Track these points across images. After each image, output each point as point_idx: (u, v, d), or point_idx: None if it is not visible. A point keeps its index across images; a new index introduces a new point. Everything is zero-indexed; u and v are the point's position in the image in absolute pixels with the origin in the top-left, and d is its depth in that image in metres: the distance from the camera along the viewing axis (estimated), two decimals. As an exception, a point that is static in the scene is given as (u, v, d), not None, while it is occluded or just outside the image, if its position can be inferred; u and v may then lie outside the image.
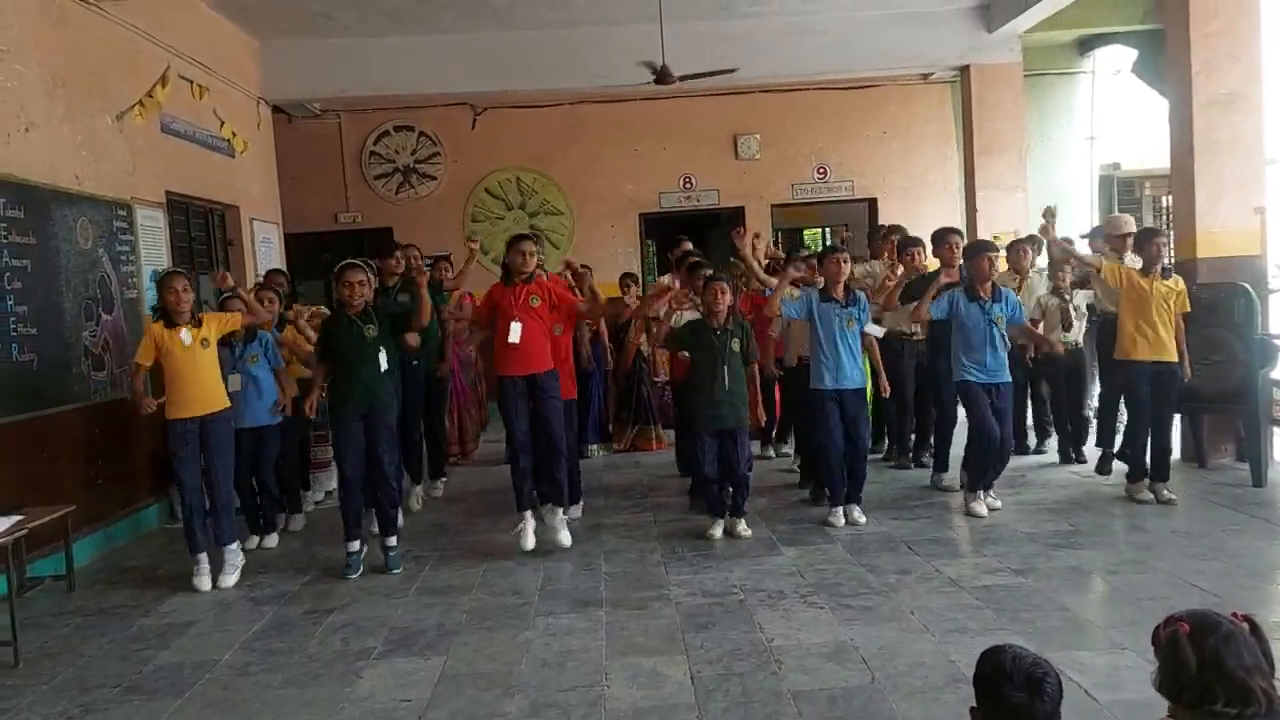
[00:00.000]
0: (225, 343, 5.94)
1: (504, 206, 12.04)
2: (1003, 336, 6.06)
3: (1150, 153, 10.78)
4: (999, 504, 6.22)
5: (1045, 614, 4.41)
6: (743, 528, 5.93)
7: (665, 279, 7.83)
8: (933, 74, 11.58)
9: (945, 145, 12.03)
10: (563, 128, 11.87)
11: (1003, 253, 7.06)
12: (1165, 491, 6.15)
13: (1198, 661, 1.88)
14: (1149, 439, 6.20)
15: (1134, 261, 6.43)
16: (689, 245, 8.17)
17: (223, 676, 4.22)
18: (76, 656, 4.56)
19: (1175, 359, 6.14)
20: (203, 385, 5.45)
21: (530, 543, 5.65)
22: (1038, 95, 11.49)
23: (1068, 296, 7.24)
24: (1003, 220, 9.73)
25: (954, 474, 6.69)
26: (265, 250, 9.69)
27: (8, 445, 5.56)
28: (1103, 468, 6.94)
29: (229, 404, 5.61)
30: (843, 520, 6.04)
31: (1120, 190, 12.28)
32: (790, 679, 3.83)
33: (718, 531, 5.92)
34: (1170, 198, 9.67)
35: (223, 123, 8.58)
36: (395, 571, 5.55)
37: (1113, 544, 5.52)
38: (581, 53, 9.85)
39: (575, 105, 11.71)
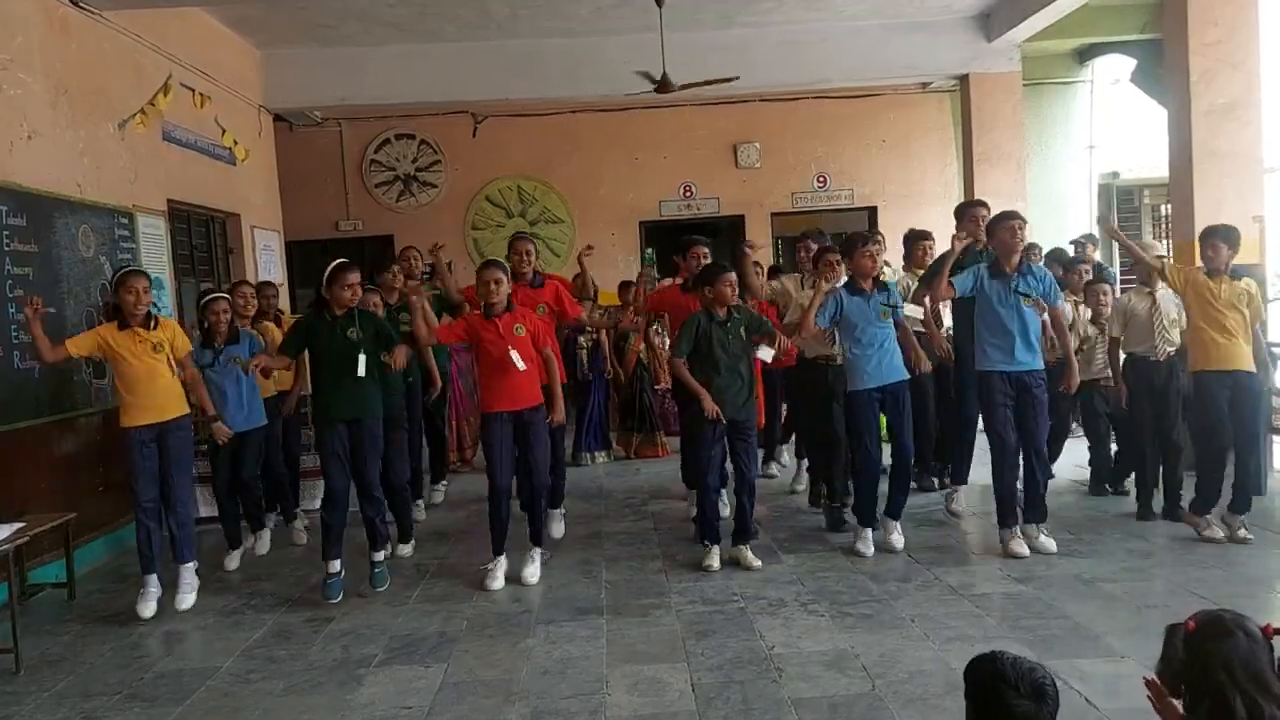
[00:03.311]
0: (209, 346, 5.85)
1: (505, 214, 12.06)
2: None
3: (1149, 162, 10.81)
4: (1052, 545, 5.40)
5: (1046, 622, 4.42)
6: (751, 557, 5.42)
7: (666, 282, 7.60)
8: (932, 83, 11.61)
9: (945, 154, 12.06)
10: (563, 136, 11.90)
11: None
12: (1241, 530, 5.41)
13: (1187, 660, 1.91)
14: (1228, 465, 5.47)
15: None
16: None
17: (223, 684, 4.23)
18: (78, 664, 4.56)
19: (1252, 368, 5.47)
20: (158, 390, 5.12)
21: (499, 584, 5.31)
22: (1037, 104, 11.53)
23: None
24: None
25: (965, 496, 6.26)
26: (266, 258, 9.71)
27: (9, 453, 5.56)
28: (1148, 512, 6.06)
29: (187, 410, 5.31)
30: (873, 548, 5.51)
31: (1119, 199, 12.31)
32: (791, 687, 3.84)
33: (715, 562, 5.41)
34: (1169, 206, 9.69)
35: (224, 131, 8.60)
36: (379, 589, 5.30)
37: (1113, 552, 5.52)
38: (582, 62, 9.88)
39: (576, 114, 11.74)
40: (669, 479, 7.81)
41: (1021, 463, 5.51)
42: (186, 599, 5.22)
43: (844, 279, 5.73)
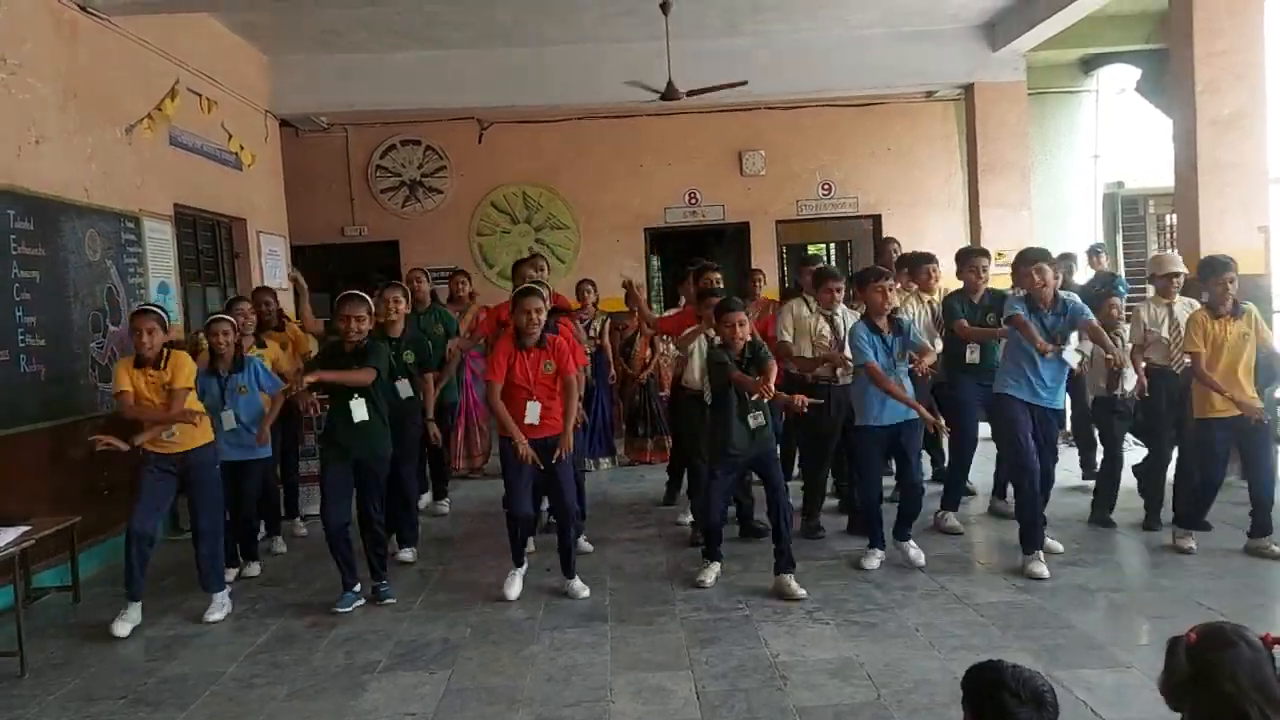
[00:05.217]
0: (214, 372, 5.66)
1: (510, 221, 12.08)
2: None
3: (1154, 171, 10.81)
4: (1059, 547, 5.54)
5: (1051, 631, 4.41)
6: (795, 587, 5.04)
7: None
8: (937, 92, 11.63)
9: (949, 163, 12.06)
10: (569, 143, 11.92)
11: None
12: (1274, 546, 5.34)
13: (1191, 672, 1.92)
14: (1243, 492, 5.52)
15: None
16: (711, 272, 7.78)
17: (227, 689, 4.23)
18: (82, 667, 4.56)
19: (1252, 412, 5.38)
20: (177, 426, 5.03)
21: (515, 592, 5.23)
22: (1042, 114, 11.53)
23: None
24: (1007, 239, 9.74)
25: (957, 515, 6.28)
26: (272, 263, 9.72)
27: (15, 456, 5.57)
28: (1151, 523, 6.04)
29: (209, 439, 5.22)
30: (878, 562, 5.44)
31: (1124, 209, 12.32)
32: (795, 695, 3.84)
33: (710, 577, 5.25)
34: (1174, 216, 9.70)
35: (230, 136, 8.62)
36: (389, 601, 5.25)
37: (1118, 562, 5.51)
38: (588, 69, 9.90)
39: (581, 121, 11.76)
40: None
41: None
42: (216, 614, 5.14)
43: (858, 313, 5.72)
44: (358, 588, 5.28)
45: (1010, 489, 6.09)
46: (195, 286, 8.37)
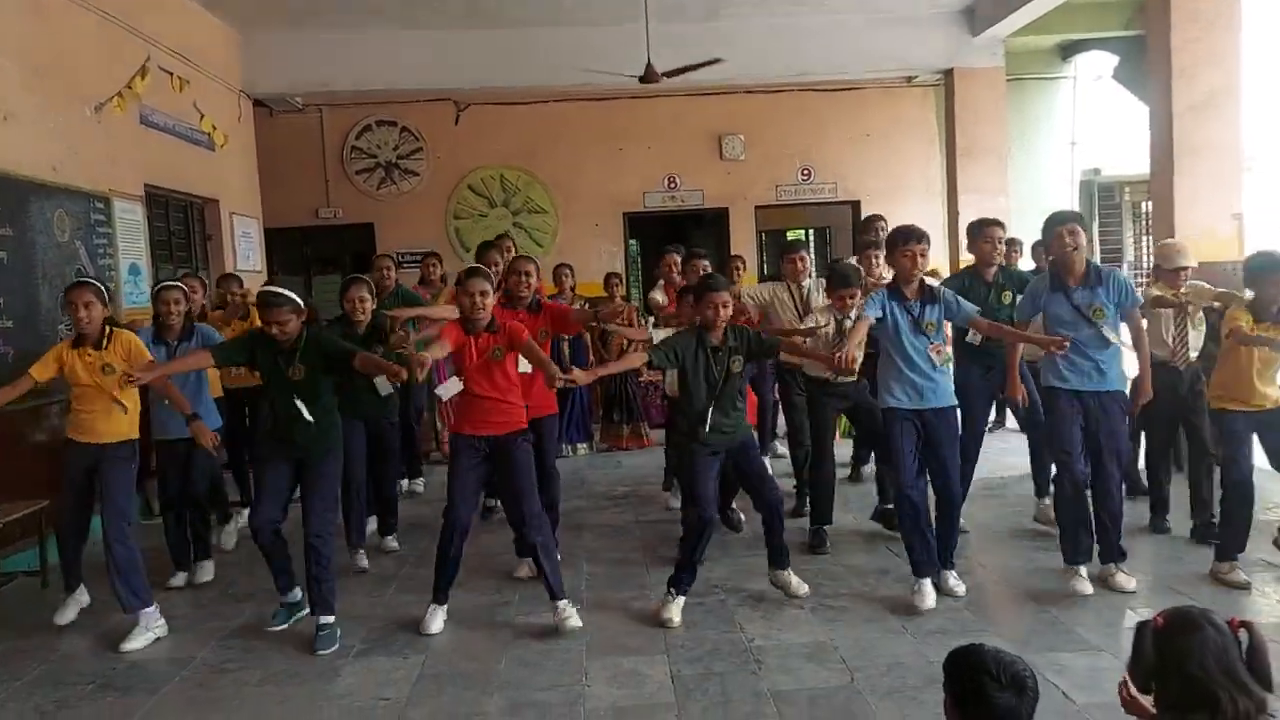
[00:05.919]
0: (161, 341, 5.26)
1: (487, 204, 11.99)
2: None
3: (1130, 158, 10.87)
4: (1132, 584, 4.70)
5: (1024, 616, 4.45)
6: (795, 582, 4.78)
7: (658, 295, 7.35)
8: (916, 77, 11.63)
9: (928, 148, 12.08)
10: (547, 125, 11.83)
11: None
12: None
13: (1157, 657, 1.93)
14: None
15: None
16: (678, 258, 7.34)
17: (199, 673, 4.19)
18: (50, 652, 4.51)
19: (1275, 406, 4.76)
20: (99, 411, 4.62)
21: (437, 628, 4.54)
22: (1020, 100, 11.56)
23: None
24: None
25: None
26: (245, 245, 9.62)
27: (-19, 439, 5.49)
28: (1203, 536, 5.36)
29: (132, 437, 4.69)
30: (932, 600, 4.56)
31: (1100, 195, 12.39)
32: (770, 679, 3.84)
33: (675, 615, 4.50)
34: (1149, 203, 9.75)
35: (203, 115, 8.50)
36: (322, 653, 4.35)
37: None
38: (567, 50, 9.82)
39: (560, 103, 11.68)
40: (650, 471, 7.79)
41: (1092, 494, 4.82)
42: (135, 641, 4.52)
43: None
44: (297, 594, 4.67)
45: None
46: (167, 268, 8.25)
